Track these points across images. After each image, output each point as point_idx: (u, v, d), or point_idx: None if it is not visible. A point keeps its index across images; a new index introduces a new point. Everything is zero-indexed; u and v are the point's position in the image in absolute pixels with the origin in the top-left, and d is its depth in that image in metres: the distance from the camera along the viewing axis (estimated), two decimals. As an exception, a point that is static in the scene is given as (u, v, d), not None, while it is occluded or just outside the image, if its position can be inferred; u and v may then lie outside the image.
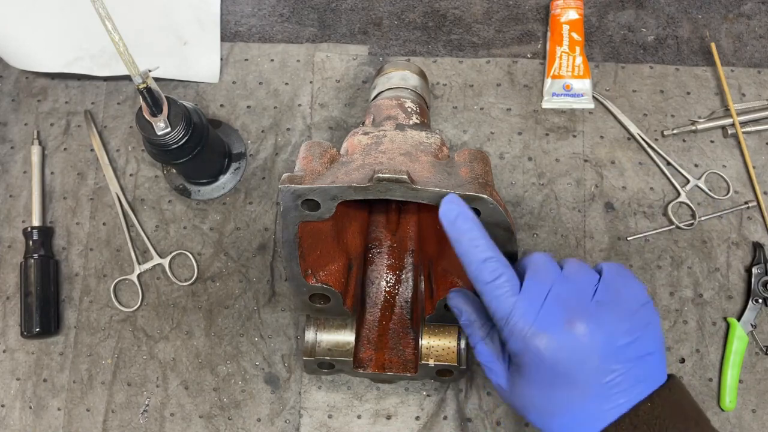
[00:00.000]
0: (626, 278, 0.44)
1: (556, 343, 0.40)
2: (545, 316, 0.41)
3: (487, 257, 0.42)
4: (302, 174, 0.49)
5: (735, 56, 0.77)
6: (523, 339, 0.41)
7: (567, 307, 0.41)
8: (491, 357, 0.45)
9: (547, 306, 0.41)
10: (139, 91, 0.57)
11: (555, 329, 0.40)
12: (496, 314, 0.42)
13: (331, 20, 0.79)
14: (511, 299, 0.41)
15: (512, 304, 0.41)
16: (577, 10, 0.75)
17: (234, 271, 0.71)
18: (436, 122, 0.75)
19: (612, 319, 0.41)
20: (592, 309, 0.41)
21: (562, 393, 0.41)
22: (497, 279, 0.42)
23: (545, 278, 0.42)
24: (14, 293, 0.72)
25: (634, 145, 0.74)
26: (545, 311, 0.41)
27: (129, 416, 0.68)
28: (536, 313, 0.41)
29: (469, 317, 0.47)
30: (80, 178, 0.75)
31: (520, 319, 0.41)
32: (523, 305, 0.41)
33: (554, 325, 0.40)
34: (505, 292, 0.41)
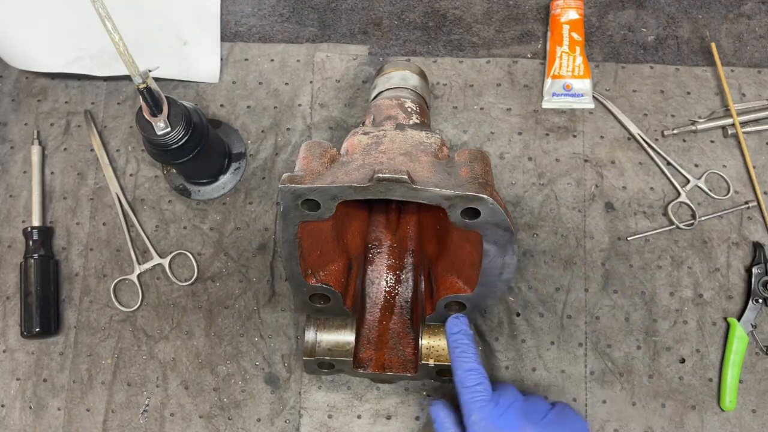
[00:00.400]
0: (575, 414, 0.54)
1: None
2: (506, 420, 0.51)
3: (472, 368, 0.54)
4: (302, 174, 0.49)
5: (735, 56, 0.77)
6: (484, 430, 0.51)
7: (525, 417, 0.52)
8: None
9: (509, 413, 0.52)
10: (139, 91, 0.57)
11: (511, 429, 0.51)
12: (470, 413, 0.52)
13: (331, 20, 0.79)
14: (482, 402, 0.52)
15: (481, 407, 0.52)
16: (577, 10, 0.75)
17: (234, 271, 0.71)
18: (436, 122, 0.75)
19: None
20: (542, 425, 0.52)
21: None
22: (477, 385, 0.53)
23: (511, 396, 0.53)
24: (14, 293, 0.72)
25: (634, 145, 0.74)
26: (507, 416, 0.52)
27: (129, 416, 0.68)
28: (500, 416, 0.52)
29: (445, 424, 0.55)
30: (80, 178, 0.75)
31: (486, 418, 0.52)
32: (490, 408, 0.52)
33: (511, 426, 0.51)
34: (480, 397, 0.53)
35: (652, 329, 0.68)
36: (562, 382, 0.67)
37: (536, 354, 0.68)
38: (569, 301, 0.69)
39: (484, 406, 0.52)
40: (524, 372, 0.68)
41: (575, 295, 0.69)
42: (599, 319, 0.69)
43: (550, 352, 0.68)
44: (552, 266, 0.70)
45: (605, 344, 0.68)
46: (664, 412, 0.66)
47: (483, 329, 0.69)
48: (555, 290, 0.70)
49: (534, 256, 0.70)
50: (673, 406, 0.66)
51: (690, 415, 0.66)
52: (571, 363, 0.68)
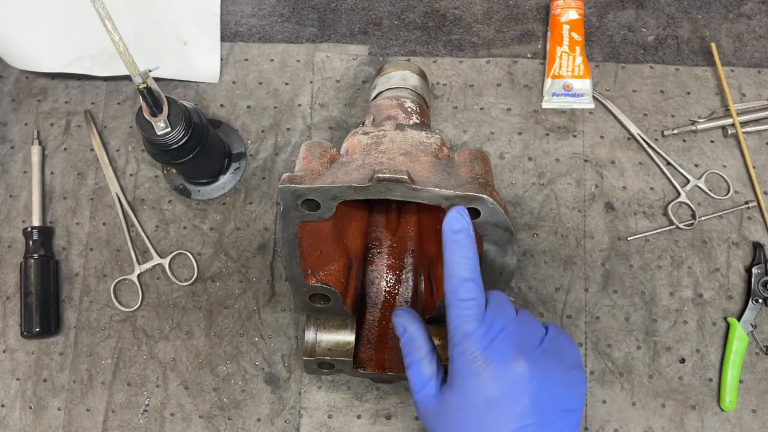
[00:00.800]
0: (568, 340, 0.48)
1: (497, 374, 0.43)
2: (497, 348, 0.44)
3: (470, 277, 0.45)
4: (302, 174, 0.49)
5: (735, 56, 0.77)
6: (470, 361, 0.44)
7: (517, 346, 0.44)
8: (425, 377, 0.47)
9: (501, 339, 0.44)
10: (139, 91, 0.57)
11: (502, 362, 0.43)
12: (455, 331, 0.44)
13: (331, 20, 0.79)
14: (474, 323, 0.44)
15: (474, 327, 0.44)
16: (577, 10, 0.75)
17: (234, 271, 0.71)
18: (436, 122, 0.75)
19: (552, 369, 0.45)
20: (537, 355, 0.45)
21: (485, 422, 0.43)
22: (471, 300, 0.44)
23: (504, 315, 0.45)
24: (14, 293, 0.72)
25: (634, 145, 0.74)
26: (498, 343, 0.44)
27: (129, 416, 0.68)
28: (490, 341, 0.44)
29: (412, 334, 0.48)
30: (80, 178, 0.75)
31: (475, 342, 0.44)
32: (482, 331, 0.44)
33: (502, 358, 0.44)
34: (473, 314, 0.44)
35: (652, 329, 0.68)
36: (562, 382, 0.67)
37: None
38: (569, 301, 0.69)
39: (474, 331, 0.44)
40: (524, 372, 0.67)
41: (575, 295, 0.69)
42: (599, 319, 0.69)
43: (550, 352, 0.68)
44: (552, 266, 0.70)
45: (605, 344, 0.68)
46: (664, 412, 0.66)
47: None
48: (555, 290, 0.70)
49: (534, 256, 0.70)
50: (673, 406, 0.66)
51: (690, 415, 0.66)
52: (571, 363, 0.68)
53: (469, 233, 0.45)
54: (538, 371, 0.44)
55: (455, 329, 0.45)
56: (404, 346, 0.48)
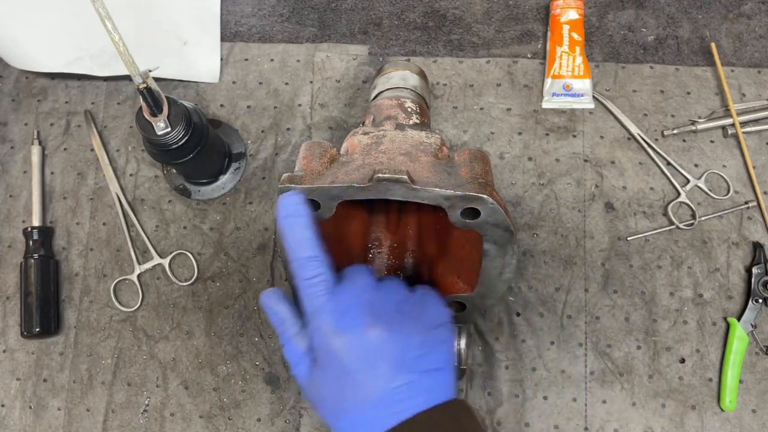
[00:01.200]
0: (435, 300, 0.48)
1: (351, 344, 0.43)
2: (349, 318, 0.44)
3: (311, 255, 0.45)
4: (302, 174, 0.49)
5: (735, 56, 0.77)
6: (325, 336, 0.44)
7: (371, 313, 0.44)
8: (298, 354, 0.47)
9: (353, 309, 0.44)
10: (139, 91, 0.57)
11: (354, 331, 0.44)
12: (307, 309, 0.45)
13: (331, 20, 0.79)
14: (322, 298, 0.44)
15: (323, 303, 0.44)
16: (577, 10, 0.75)
17: (234, 271, 0.71)
18: (436, 122, 0.75)
19: (409, 330, 0.45)
20: (393, 318, 0.45)
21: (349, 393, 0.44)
22: (315, 277, 0.45)
23: (358, 285, 0.46)
24: (14, 293, 0.72)
25: (634, 145, 0.74)
26: (350, 313, 0.44)
27: (129, 416, 0.68)
28: (341, 313, 0.44)
29: (281, 315, 0.48)
30: (80, 178, 0.75)
31: (325, 316, 0.44)
32: (331, 305, 0.44)
33: (354, 327, 0.44)
34: (320, 290, 0.44)
35: (652, 329, 0.68)
36: (562, 382, 0.67)
37: (536, 354, 0.68)
38: (569, 301, 0.69)
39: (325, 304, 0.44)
40: (524, 372, 0.68)
41: (575, 295, 0.69)
42: (599, 319, 0.69)
43: (550, 352, 0.68)
44: (552, 266, 0.70)
45: (605, 344, 0.68)
46: (664, 412, 0.66)
47: (483, 329, 0.69)
48: (555, 290, 0.70)
49: (534, 256, 0.70)
50: (673, 406, 0.66)
51: (690, 415, 0.66)
52: (571, 363, 0.68)
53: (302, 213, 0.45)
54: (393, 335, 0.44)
55: (307, 308, 0.45)
56: (276, 326, 0.48)
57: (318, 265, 0.45)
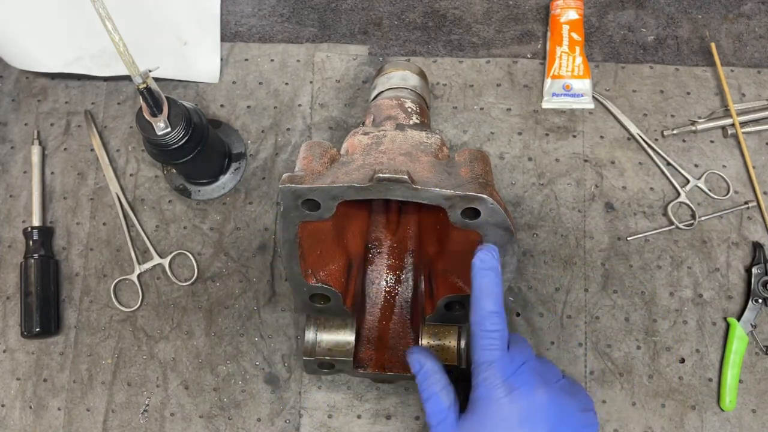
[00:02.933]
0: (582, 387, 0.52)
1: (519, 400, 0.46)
2: (520, 376, 0.47)
3: (495, 311, 0.48)
4: (302, 174, 0.49)
5: (735, 56, 0.77)
6: (495, 387, 0.46)
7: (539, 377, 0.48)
8: (444, 407, 0.49)
9: (524, 369, 0.48)
10: (139, 91, 0.57)
11: (524, 388, 0.47)
12: (480, 359, 0.48)
13: (331, 20, 0.79)
14: (498, 352, 0.47)
15: (498, 356, 0.47)
16: (577, 10, 0.75)
17: (234, 271, 0.71)
18: (436, 122, 0.75)
19: (569, 404, 0.48)
20: (556, 389, 0.48)
21: None
22: (496, 331, 0.47)
23: (526, 351, 0.49)
24: (14, 293, 0.72)
25: (634, 145, 0.74)
26: (522, 372, 0.47)
27: (129, 416, 0.68)
28: (514, 370, 0.47)
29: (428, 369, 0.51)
30: (80, 178, 0.75)
31: (499, 370, 0.47)
32: (506, 360, 0.47)
33: (525, 386, 0.47)
34: (497, 344, 0.47)
35: (652, 329, 0.68)
36: (562, 382, 0.67)
37: (536, 354, 0.68)
38: (569, 301, 0.69)
39: (499, 359, 0.47)
40: (524, 372, 0.67)
41: (575, 295, 0.69)
42: (599, 319, 0.69)
43: (550, 352, 0.68)
44: (552, 266, 0.70)
45: (605, 344, 0.68)
46: (663, 412, 0.66)
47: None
48: (555, 290, 0.70)
49: (534, 256, 0.70)
50: (672, 406, 0.66)
51: (690, 415, 0.66)
52: (571, 363, 0.68)
53: (497, 270, 0.48)
54: (556, 403, 0.47)
55: (480, 358, 0.47)
56: (421, 381, 0.51)
57: (500, 321, 0.48)
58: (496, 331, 0.47)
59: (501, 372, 0.47)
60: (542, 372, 0.49)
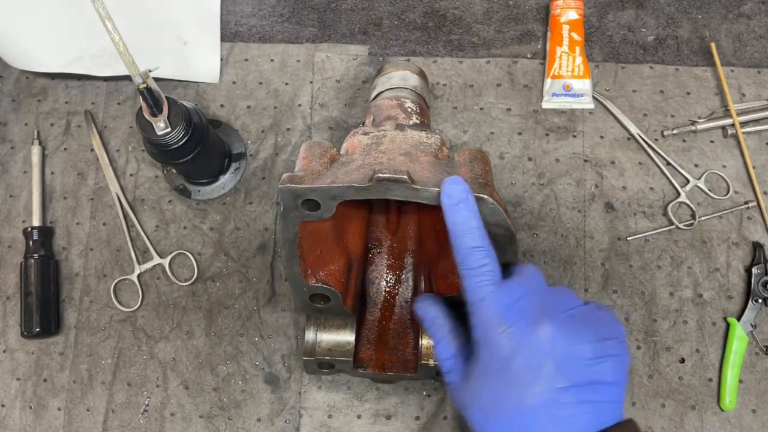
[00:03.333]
0: (607, 313, 0.44)
1: (517, 339, 0.41)
2: (515, 312, 0.42)
3: (477, 245, 0.43)
4: (302, 174, 0.49)
5: (735, 56, 0.77)
6: (488, 326, 0.42)
7: (540, 310, 0.42)
8: (451, 352, 0.46)
9: (521, 304, 0.42)
10: (139, 91, 0.57)
11: (521, 325, 0.41)
12: (471, 299, 0.43)
13: (331, 20, 0.79)
14: (488, 287, 0.42)
15: (489, 292, 0.42)
16: (577, 10, 0.75)
17: (234, 271, 0.71)
18: (436, 122, 0.75)
19: (580, 334, 0.41)
20: (563, 318, 0.42)
21: (507, 393, 0.40)
22: (482, 267, 0.43)
23: (528, 283, 0.44)
24: (14, 293, 0.72)
25: (634, 145, 0.74)
26: (517, 307, 0.42)
27: (129, 416, 0.68)
28: (508, 306, 0.42)
29: (433, 315, 0.48)
30: (80, 178, 0.75)
31: (491, 306, 0.42)
32: (498, 296, 0.42)
33: (520, 321, 0.41)
34: (486, 280, 0.43)
35: (652, 329, 0.68)
36: (562, 382, 0.67)
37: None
38: (569, 301, 0.69)
39: (492, 294, 0.42)
40: (524, 372, 0.67)
41: (575, 295, 0.69)
42: (599, 319, 0.69)
43: (550, 352, 0.68)
44: (552, 266, 0.70)
45: (605, 344, 0.68)
46: (664, 412, 0.66)
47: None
48: (555, 290, 0.70)
49: (534, 256, 0.70)
50: (673, 406, 0.66)
51: (690, 415, 0.66)
52: (571, 363, 0.68)
53: (470, 203, 0.44)
54: (563, 335, 0.40)
55: (470, 298, 0.43)
56: (428, 328, 0.48)
57: (485, 255, 0.43)
58: (482, 267, 0.43)
59: (492, 307, 0.42)
60: (547, 302, 0.43)
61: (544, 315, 0.41)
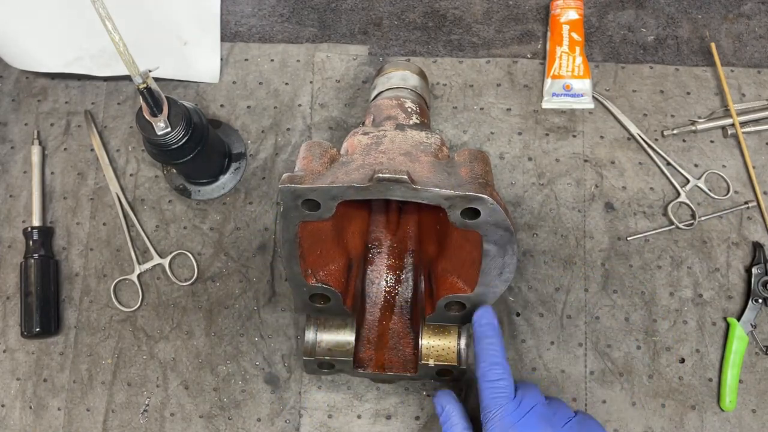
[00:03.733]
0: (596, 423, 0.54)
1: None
2: (527, 423, 0.50)
3: (496, 362, 0.53)
4: (302, 174, 0.49)
5: (735, 56, 0.77)
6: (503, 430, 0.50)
7: (545, 422, 0.51)
8: None
9: (531, 416, 0.51)
10: (139, 91, 0.57)
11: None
12: (488, 408, 0.51)
13: (331, 20, 0.79)
14: (504, 400, 0.51)
15: (504, 404, 0.51)
16: (577, 10, 0.75)
17: (234, 271, 0.71)
18: (436, 122, 0.75)
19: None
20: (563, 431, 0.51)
21: None
22: (499, 381, 0.52)
23: (533, 397, 0.52)
24: (14, 293, 0.72)
25: (634, 145, 0.74)
26: (528, 419, 0.51)
27: (129, 416, 0.68)
28: (521, 416, 0.51)
29: (449, 412, 0.55)
30: (80, 178, 0.75)
31: (507, 416, 0.51)
32: (512, 407, 0.51)
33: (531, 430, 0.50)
34: (502, 393, 0.52)
35: (651, 329, 0.68)
36: (562, 382, 0.67)
37: (536, 354, 0.68)
38: (569, 301, 0.69)
39: (506, 406, 0.51)
40: (524, 372, 0.68)
41: (575, 295, 0.69)
42: (599, 319, 0.69)
43: (550, 352, 0.68)
44: (552, 266, 0.70)
45: (605, 344, 0.68)
46: (663, 412, 0.66)
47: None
48: (555, 290, 0.70)
49: (534, 256, 0.70)
50: (672, 406, 0.66)
51: (690, 415, 0.66)
52: (571, 363, 0.68)
53: (494, 326, 0.55)
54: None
55: (487, 407, 0.51)
56: (443, 422, 0.55)
57: (502, 371, 0.52)
58: (499, 380, 0.52)
59: (508, 418, 0.50)
60: (550, 416, 0.52)
61: (549, 426, 0.51)
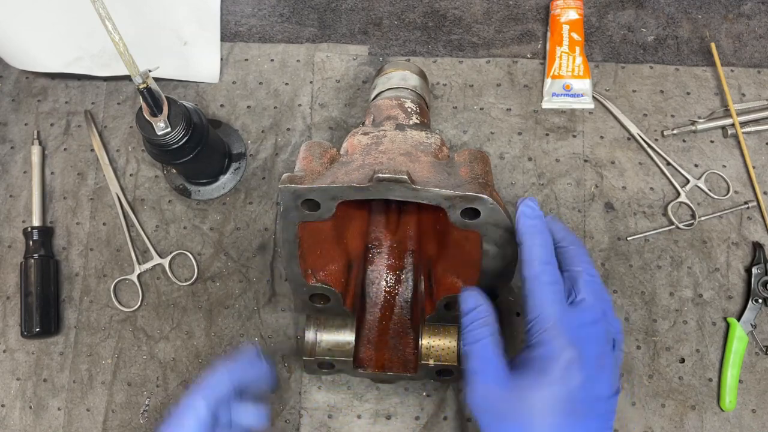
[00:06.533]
0: None
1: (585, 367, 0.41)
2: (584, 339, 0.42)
3: (551, 261, 0.44)
4: (302, 174, 0.49)
5: (735, 56, 0.77)
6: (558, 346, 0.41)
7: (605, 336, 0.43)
8: (491, 354, 0.44)
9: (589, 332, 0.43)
10: (139, 91, 0.57)
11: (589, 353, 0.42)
12: (541, 314, 0.42)
13: (331, 20, 0.79)
14: (559, 306, 0.43)
15: (560, 311, 0.42)
16: (577, 10, 0.75)
17: (234, 271, 0.71)
18: (436, 122, 0.75)
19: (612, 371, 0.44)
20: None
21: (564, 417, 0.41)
22: (555, 284, 0.43)
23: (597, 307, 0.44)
24: (14, 293, 0.72)
25: (634, 145, 0.74)
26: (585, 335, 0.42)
27: (129, 416, 0.68)
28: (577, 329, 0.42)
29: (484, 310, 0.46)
30: (80, 178, 0.75)
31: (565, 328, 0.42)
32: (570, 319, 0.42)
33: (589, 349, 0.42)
34: (558, 298, 0.43)
35: (652, 329, 0.68)
36: (562, 382, 0.67)
37: None
38: (569, 301, 0.69)
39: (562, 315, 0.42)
40: (524, 372, 0.67)
41: (575, 295, 0.69)
42: (599, 319, 0.69)
43: (550, 352, 0.68)
44: (552, 266, 0.70)
45: (605, 344, 0.68)
46: (663, 412, 0.66)
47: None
48: (555, 290, 0.69)
49: (534, 256, 0.70)
50: (672, 406, 0.66)
51: (690, 415, 0.66)
52: (571, 363, 0.68)
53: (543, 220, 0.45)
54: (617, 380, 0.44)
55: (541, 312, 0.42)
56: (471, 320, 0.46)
57: (556, 272, 0.44)
58: (555, 283, 0.43)
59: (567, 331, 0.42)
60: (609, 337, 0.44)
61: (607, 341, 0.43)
